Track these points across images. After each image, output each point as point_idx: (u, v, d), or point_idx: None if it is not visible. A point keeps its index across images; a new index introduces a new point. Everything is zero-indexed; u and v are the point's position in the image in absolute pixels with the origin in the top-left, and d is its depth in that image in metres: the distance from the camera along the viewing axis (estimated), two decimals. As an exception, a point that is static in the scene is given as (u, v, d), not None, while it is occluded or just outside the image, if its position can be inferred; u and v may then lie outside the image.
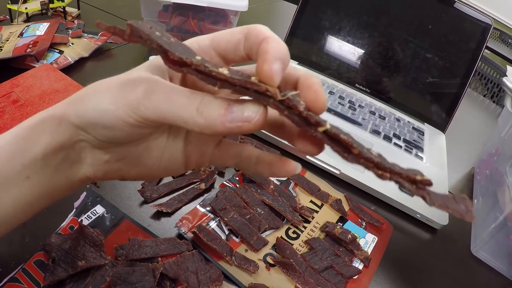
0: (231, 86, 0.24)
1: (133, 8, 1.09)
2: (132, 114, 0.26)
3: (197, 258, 0.47)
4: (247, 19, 1.21)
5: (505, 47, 2.81)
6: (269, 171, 0.32)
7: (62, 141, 0.28)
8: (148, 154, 0.31)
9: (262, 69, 0.24)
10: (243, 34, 0.28)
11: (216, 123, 0.25)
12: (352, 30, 0.95)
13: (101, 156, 0.29)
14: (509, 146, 0.69)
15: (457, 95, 0.90)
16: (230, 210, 0.54)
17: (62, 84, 0.64)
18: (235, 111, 0.25)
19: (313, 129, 0.24)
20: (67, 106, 0.28)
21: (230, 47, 0.29)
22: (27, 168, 0.27)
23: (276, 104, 0.24)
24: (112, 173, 0.31)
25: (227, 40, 0.29)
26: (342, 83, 0.96)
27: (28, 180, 0.27)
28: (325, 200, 0.61)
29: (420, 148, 0.82)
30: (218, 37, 0.29)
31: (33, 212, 0.30)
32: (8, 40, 0.81)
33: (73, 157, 0.29)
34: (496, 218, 0.60)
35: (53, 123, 0.28)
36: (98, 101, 0.27)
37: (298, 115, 0.24)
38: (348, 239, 0.54)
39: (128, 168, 0.31)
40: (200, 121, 0.25)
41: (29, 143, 0.27)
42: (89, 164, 0.30)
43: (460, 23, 0.89)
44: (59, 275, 0.41)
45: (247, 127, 0.25)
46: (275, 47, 0.25)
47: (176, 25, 0.93)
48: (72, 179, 0.30)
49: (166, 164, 0.32)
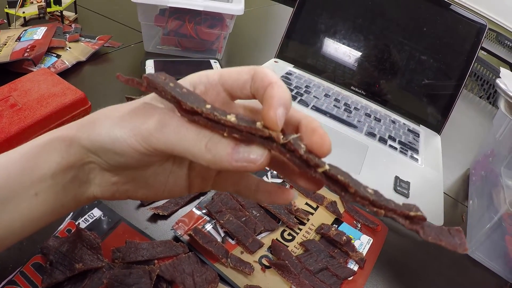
0: (238, 132, 0.26)
1: (130, 12, 1.10)
2: (143, 144, 0.27)
3: (193, 260, 0.47)
4: (244, 23, 1.22)
5: (501, 48, 2.82)
6: (269, 200, 0.34)
7: (72, 161, 0.29)
8: (155, 178, 0.32)
9: (267, 115, 0.26)
10: (250, 75, 0.29)
11: (223, 160, 0.26)
12: (347, 33, 0.95)
13: (110, 178, 0.31)
14: (504, 147, 0.69)
15: (452, 96, 0.91)
16: (226, 212, 0.54)
17: (60, 88, 0.64)
18: (241, 152, 0.26)
19: (312, 170, 0.26)
20: (78, 128, 0.29)
21: (237, 86, 0.30)
22: (35, 185, 0.28)
23: (279, 147, 0.26)
24: (119, 193, 0.32)
25: (234, 79, 0.30)
26: (337, 86, 0.97)
27: (37, 197, 0.28)
28: (320, 202, 0.62)
29: (415, 150, 0.82)
30: (226, 74, 0.30)
31: (39, 227, 0.30)
32: (6, 44, 0.81)
33: (82, 177, 0.30)
34: (491, 218, 0.60)
35: (63, 143, 0.29)
36: (111, 128, 0.28)
37: (299, 158, 0.26)
38: (343, 241, 0.55)
39: (135, 189, 0.32)
40: (208, 157, 0.26)
41: (39, 161, 0.28)
42: (97, 185, 0.31)
43: (455, 25, 0.89)
44: (56, 277, 0.41)
45: (251, 168, 0.26)
46: (279, 94, 0.27)
47: (172, 29, 0.93)
48: (79, 197, 0.31)
49: (171, 187, 0.33)
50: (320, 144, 0.27)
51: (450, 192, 0.77)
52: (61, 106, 0.61)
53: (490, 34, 3.00)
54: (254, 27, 1.36)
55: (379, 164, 0.74)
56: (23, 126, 0.57)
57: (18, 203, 0.28)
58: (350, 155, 0.74)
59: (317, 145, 0.27)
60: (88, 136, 0.28)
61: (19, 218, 0.28)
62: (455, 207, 0.74)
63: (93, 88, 0.77)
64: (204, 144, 0.26)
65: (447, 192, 0.77)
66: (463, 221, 0.70)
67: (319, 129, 0.28)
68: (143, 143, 0.27)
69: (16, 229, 0.29)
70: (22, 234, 0.30)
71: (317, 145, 0.27)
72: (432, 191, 0.72)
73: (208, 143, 0.26)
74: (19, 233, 0.29)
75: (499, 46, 2.87)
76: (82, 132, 0.29)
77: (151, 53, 0.96)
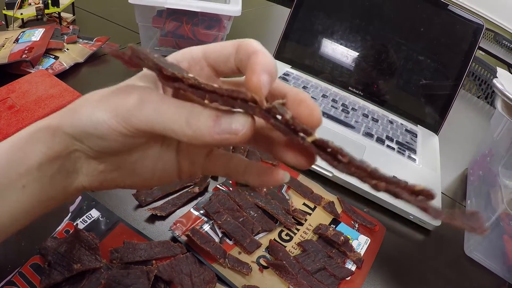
0: (219, 98, 0.25)
1: (127, 14, 1.09)
2: (124, 124, 0.26)
3: (191, 261, 0.47)
4: (241, 24, 1.21)
5: (499, 48, 2.82)
6: (258, 180, 0.32)
7: (58, 151, 0.28)
8: (142, 163, 0.31)
9: (250, 80, 0.25)
10: (234, 47, 0.29)
11: (204, 135, 0.25)
12: (345, 34, 0.96)
13: (96, 166, 0.30)
14: (501, 147, 0.69)
15: (450, 96, 0.91)
16: (224, 213, 0.54)
17: (58, 90, 0.64)
18: (223, 123, 0.25)
19: (299, 138, 0.24)
20: (61, 116, 0.28)
21: (221, 59, 0.30)
22: (23, 178, 0.27)
23: (262, 112, 0.24)
24: (107, 182, 0.32)
25: (218, 52, 0.30)
26: (335, 86, 0.97)
27: (24, 189, 0.28)
28: (318, 202, 0.62)
29: (413, 150, 0.83)
30: (210, 49, 0.30)
31: (29, 220, 0.30)
32: (4, 46, 0.81)
33: (69, 167, 0.29)
34: (489, 218, 0.60)
35: (48, 133, 0.28)
36: (91, 112, 0.27)
37: (285, 123, 0.24)
38: (341, 241, 0.55)
39: (123, 177, 0.32)
40: (189, 132, 0.25)
41: (25, 153, 0.28)
42: (85, 174, 0.30)
43: (452, 25, 0.90)
44: (55, 278, 0.41)
45: (234, 139, 0.25)
46: (263, 60, 0.26)
47: (170, 30, 0.93)
48: (68, 188, 0.30)
49: (160, 173, 0.33)
50: (308, 114, 0.26)
51: (448, 192, 0.78)
52: (59, 107, 0.61)
53: (488, 34, 3.01)
54: (252, 28, 1.36)
55: (376, 164, 0.73)
56: (21, 128, 0.57)
57: (6, 196, 0.27)
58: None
59: (305, 116, 0.26)
60: (71, 122, 0.28)
61: (8, 212, 0.28)
62: (453, 207, 0.74)
63: (90, 89, 0.76)
64: (184, 119, 0.25)
65: (445, 192, 0.77)
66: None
67: (308, 100, 0.26)
68: (123, 123, 0.26)
69: (4, 223, 0.28)
70: (12, 228, 0.29)
71: (305, 115, 0.26)
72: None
73: (188, 117, 0.25)
74: (9, 227, 0.29)
75: (497, 46, 2.87)
76: (65, 120, 0.28)
77: (149, 55, 0.96)
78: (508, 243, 0.59)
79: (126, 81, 0.30)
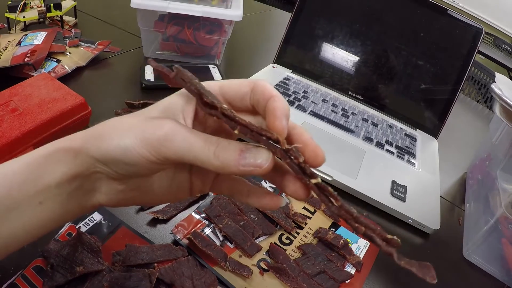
0: (249, 132, 0.28)
1: (129, 18, 1.10)
2: (153, 153, 0.28)
3: (192, 264, 0.48)
4: (242, 28, 1.22)
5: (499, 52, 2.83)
6: (258, 204, 0.35)
7: (79, 171, 0.29)
8: (160, 183, 0.33)
9: (274, 125, 0.28)
10: (250, 87, 0.32)
11: (231, 166, 0.28)
12: (345, 39, 0.96)
13: (116, 187, 0.31)
14: (500, 151, 0.70)
15: (449, 101, 0.92)
16: (225, 217, 0.55)
17: (60, 94, 0.65)
18: (247, 157, 0.28)
19: (307, 178, 0.28)
20: (86, 140, 0.30)
21: (237, 97, 0.32)
22: (40, 195, 0.29)
23: (282, 152, 0.28)
24: (125, 201, 0.33)
25: (235, 91, 0.32)
26: (335, 91, 0.98)
27: (41, 205, 0.29)
28: (317, 206, 0.63)
29: (412, 154, 0.83)
30: (227, 86, 0.33)
31: (43, 233, 0.31)
32: (6, 49, 0.82)
33: (88, 186, 0.31)
34: (487, 221, 0.61)
35: (69, 154, 0.29)
36: (121, 139, 0.29)
37: (297, 164, 0.28)
38: (340, 244, 0.55)
39: (141, 196, 0.33)
40: (216, 163, 0.28)
41: (44, 171, 0.29)
42: (103, 193, 0.32)
43: (452, 30, 0.90)
44: (57, 280, 0.42)
45: (257, 172, 0.28)
46: (281, 106, 0.29)
47: (172, 34, 0.94)
48: (84, 205, 0.32)
49: (175, 191, 0.35)
50: (314, 157, 0.29)
51: (447, 195, 0.78)
52: (62, 111, 0.62)
53: (487, 38, 3.02)
54: (253, 32, 1.37)
55: (376, 169, 0.75)
56: (24, 131, 0.57)
57: (22, 211, 0.28)
58: (347, 160, 0.74)
59: (311, 159, 0.29)
60: (98, 147, 0.29)
61: (22, 226, 0.29)
62: (452, 211, 0.75)
63: (93, 93, 0.78)
64: (212, 151, 0.28)
65: (444, 196, 0.77)
66: (460, 225, 0.71)
67: (311, 142, 0.30)
68: (153, 152, 0.28)
69: (19, 236, 0.29)
70: (26, 240, 0.30)
71: (311, 158, 0.29)
72: (429, 195, 0.72)
73: (216, 150, 0.28)
74: (23, 240, 0.30)
75: (496, 50, 2.88)
76: (90, 144, 0.29)
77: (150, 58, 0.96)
78: (506, 246, 0.60)
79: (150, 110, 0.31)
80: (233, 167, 0.28)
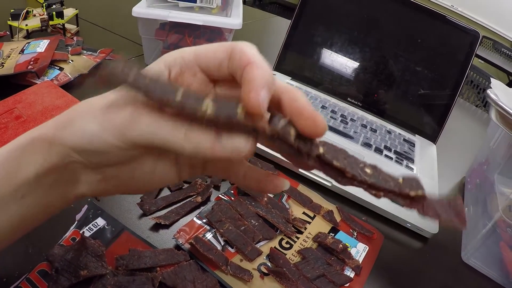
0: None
1: (131, 26, 1.11)
2: (119, 138, 0.26)
3: (194, 268, 0.48)
4: (242, 36, 1.23)
5: (498, 56, 2.84)
6: (257, 187, 0.32)
7: (55, 162, 0.28)
8: (141, 170, 0.30)
9: (248, 98, 0.24)
10: (227, 53, 0.27)
11: (205, 151, 0.25)
12: (344, 45, 0.97)
13: (95, 176, 0.29)
14: (497, 155, 0.71)
15: (448, 106, 0.92)
16: (226, 222, 0.56)
17: (63, 101, 0.66)
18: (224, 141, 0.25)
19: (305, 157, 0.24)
20: (57, 127, 0.28)
21: (213, 65, 0.28)
22: (21, 188, 0.27)
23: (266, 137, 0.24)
24: (108, 190, 0.31)
25: (210, 58, 0.28)
26: (334, 97, 0.98)
27: (23, 199, 0.28)
28: (317, 211, 0.63)
29: (411, 159, 0.84)
30: (202, 53, 0.29)
31: (29, 228, 0.30)
32: (10, 56, 0.82)
33: (67, 177, 0.29)
34: (486, 225, 0.61)
35: (43, 144, 0.28)
36: (86, 126, 0.27)
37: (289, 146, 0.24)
38: (340, 249, 0.56)
39: (125, 184, 0.31)
40: (189, 147, 0.25)
41: (21, 164, 0.27)
42: (84, 183, 0.30)
43: (449, 35, 0.91)
44: (62, 284, 0.42)
45: (236, 156, 0.25)
46: (260, 74, 0.24)
47: (172, 42, 0.95)
48: (67, 196, 0.30)
49: (161, 176, 0.32)
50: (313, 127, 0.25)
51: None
52: (65, 118, 0.63)
53: (486, 43, 3.03)
54: (252, 40, 1.35)
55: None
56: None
57: (6, 206, 0.27)
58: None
59: (309, 129, 0.25)
60: (69, 135, 0.27)
61: (8, 221, 0.28)
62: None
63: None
64: (183, 134, 0.25)
65: (442, 200, 0.78)
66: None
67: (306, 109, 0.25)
68: (119, 138, 0.26)
69: (6, 231, 0.29)
70: (14, 235, 0.30)
71: (309, 128, 0.25)
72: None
73: (187, 132, 0.25)
74: (10, 235, 0.29)
75: (495, 54, 2.89)
76: (61, 131, 0.27)
77: (151, 66, 0.97)
78: (504, 250, 0.60)
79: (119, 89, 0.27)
80: (207, 150, 0.25)
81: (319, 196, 0.67)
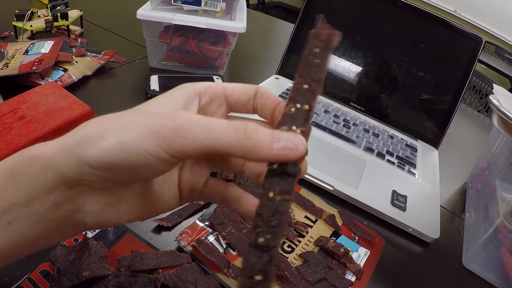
0: None
1: (135, 28, 1.12)
2: (166, 148, 0.24)
3: (196, 270, 0.48)
4: (246, 39, 1.24)
5: (500, 62, 2.84)
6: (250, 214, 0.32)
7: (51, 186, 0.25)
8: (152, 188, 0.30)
9: None
10: (254, 92, 0.33)
11: (264, 148, 0.25)
12: (347, 50, 0.97)
13: (104, 199, 0.27)
14: (499, 160, 0.71)
15: (450, 111, 0.92)
16: (228, 224, 0.56)
17: (67, 102, 0.66)
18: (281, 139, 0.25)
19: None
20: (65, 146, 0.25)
21: (241, 101, 0.33)
22: (7, 213, 0.25)
23: None
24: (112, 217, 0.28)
25: (240, 94, 0.33)
26: (337, 102, 0.99)
27: (11, 225, 0.25)
28: (319, 215, 0.63)
29: (413, 164, 0.84)
30: (231, 89, 0.33)
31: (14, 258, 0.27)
32: (14, 57, 0.83)
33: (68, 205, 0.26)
34: (487, 230, 0.61)
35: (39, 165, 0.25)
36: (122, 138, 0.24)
37: None
38: (341, 253, 0.56)
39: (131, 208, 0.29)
40: (247, 144, 0.25)
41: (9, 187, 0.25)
42: (89, 212, 0.27)
43: (452, 41, 0.91)
44: (64, 284, 0.42)
45: (294, 155, 0.25)
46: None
47: (176, 45, 0.95)
48: (65, 228, 0.27)
49: (166, 198, 0.32)
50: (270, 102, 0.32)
51: (447, 205, 0.79)
52: (69, 119, 0.63)
53: (489, 48, 3.03)
54: (256, 44, 1.38)
55: (376, 178, 0.76)
56: (32, 138, 0.58)
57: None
58: (348, 170, 0.75)
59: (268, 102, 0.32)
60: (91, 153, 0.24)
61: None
62: (452, 220, 0.75)
63: (98, 102, 0.79)
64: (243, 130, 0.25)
65: (444, 205, 0.78)
66: (459, 234, 0.72)
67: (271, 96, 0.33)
68: (165, 148, 0.24)
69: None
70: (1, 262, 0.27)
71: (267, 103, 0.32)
72: (429, 205, 0.73)
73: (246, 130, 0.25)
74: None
75: (498, 59, 2.89)
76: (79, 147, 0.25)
77: (155, 69, 0.98)
78: (505, 255, 0.60)
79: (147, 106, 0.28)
80: (266, 149, 0.25)
81: (321, 200, 0.67)
